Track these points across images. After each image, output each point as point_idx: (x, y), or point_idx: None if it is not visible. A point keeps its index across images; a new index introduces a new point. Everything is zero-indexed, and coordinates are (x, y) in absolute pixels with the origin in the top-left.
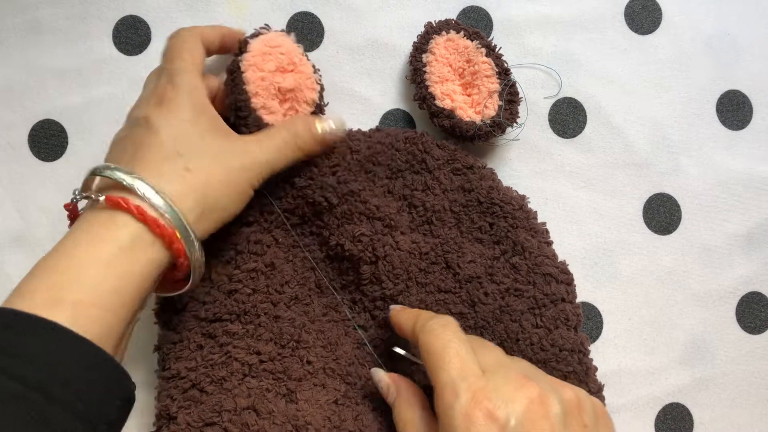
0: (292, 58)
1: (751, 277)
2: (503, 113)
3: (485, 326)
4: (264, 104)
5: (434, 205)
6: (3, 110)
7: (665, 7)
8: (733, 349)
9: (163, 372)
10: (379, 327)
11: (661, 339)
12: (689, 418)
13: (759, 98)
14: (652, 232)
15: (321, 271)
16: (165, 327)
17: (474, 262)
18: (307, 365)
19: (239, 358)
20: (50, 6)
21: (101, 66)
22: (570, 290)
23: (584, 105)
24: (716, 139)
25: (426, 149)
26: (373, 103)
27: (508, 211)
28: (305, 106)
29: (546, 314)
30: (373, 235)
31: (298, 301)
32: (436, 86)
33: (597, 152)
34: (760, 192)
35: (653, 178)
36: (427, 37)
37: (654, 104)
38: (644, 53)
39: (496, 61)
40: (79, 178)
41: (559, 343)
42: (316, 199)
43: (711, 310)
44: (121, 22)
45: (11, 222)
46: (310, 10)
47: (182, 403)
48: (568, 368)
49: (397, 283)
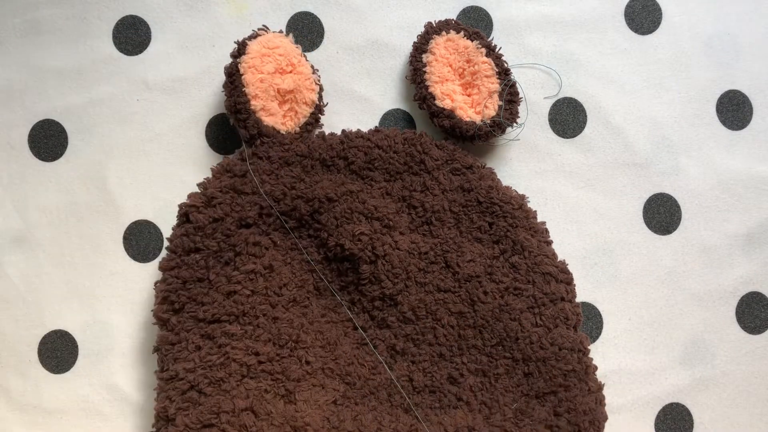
0: (291, 59)
1: (751, 277)
2: (503, 113)
3: (484, 325)
4: (264, 106)
5: (433, 205)
6: (3, 110)
7: (665, 7)
8: (733, 349)
9: (162, 373)
10: (378, 327)
11: (661, 339)
12: (689, 418)
13: (759, 98)
14: (652, 232)
15: (319, 272)
16: (164, 328)
17: (473, 261)
18: (305, 365)
19: (237, 359)
20: (50, 6)
21: (101, 66)
22: (569, 289)
23: (584, 105)
24: (716, 139)
25: (425, 150)
26: (373, 103)
27: (507, 211)
28: (305, 107)
29: (545, 313)
30: (372, 234)
31: (297, 303)
32: (436, 86)
33: (597, 152)
34: (760, 192)
35: (653, 178)
36: (427, 37)
37: (654, 104)
38: (644, 53)
39: (496, 61)
40: (79, 178)
41: (558, 341)
42: (315, 196)
43: (711, 310)
44: (121, 22)
45: (11, 222)
46: (310, 10)
47: (180, 405)
48: (568, 366)
49: (396, 283)
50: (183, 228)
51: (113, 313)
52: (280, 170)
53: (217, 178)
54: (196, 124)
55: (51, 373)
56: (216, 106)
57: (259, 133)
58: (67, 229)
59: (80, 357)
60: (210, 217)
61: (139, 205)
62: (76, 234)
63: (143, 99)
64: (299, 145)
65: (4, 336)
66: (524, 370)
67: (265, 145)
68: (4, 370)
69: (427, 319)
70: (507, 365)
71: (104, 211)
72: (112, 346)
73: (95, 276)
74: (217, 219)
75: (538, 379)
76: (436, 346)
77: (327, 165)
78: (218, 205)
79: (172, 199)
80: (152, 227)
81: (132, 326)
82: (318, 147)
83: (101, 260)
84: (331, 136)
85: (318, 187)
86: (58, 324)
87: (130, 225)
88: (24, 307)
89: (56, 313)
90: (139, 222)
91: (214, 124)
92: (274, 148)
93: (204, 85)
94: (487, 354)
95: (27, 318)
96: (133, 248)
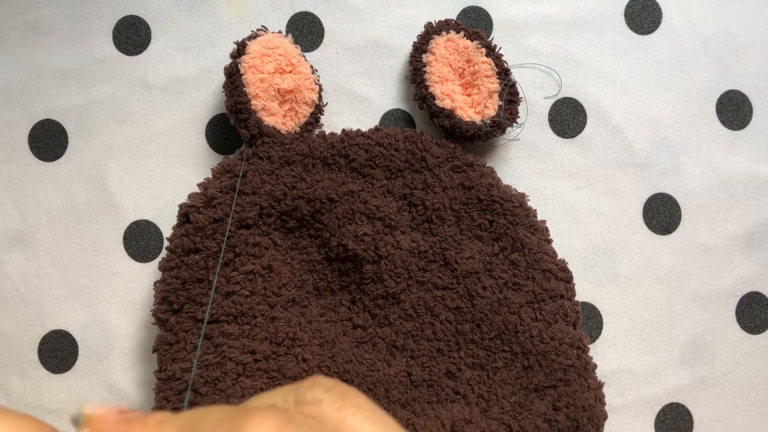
0: (291, 59)
1: (751, 277)
2: (503, 113)
3: (483, 318)
4: (264, 106)
5: (434, 203)
6: (3, 110)
7: (665, 7)
8: (733, 349)
9: (160, 373)
10: (378, 326)
11: (661, 339)
12: (689, 418)
13: (759, 98)
14: (652, 232)
15: (319, 272)
16: (163, 328)
17: (473, 258)
18: (302, 363)
19: (233, 358)
20: (50, 6)
21: (101, 66)
22: (569, 288)
23: (584, 105)
24: (716, 139)
25: (426, 147)
26: (373, 103)
27: (507, 209)
28: (305, 107)
29: (545, 308)
30: (375, 234)
31: (296, 303)
32: (436, 86)
33: (597, 152)
34: (760, 192)
35: (653, 178)
36: (427, 37)
37: (654, 104)
38: (644, 53)
39: (496, 61)
40: (80, 178)
41: (558, 336)
42: (316, 196)
43: (711, 310)
44: (121, 22)
45: (11, 222)
46: (310, 10)
47: (176, 405)
48: (568, 361)
49: (398, 282)
50: (183, 228)
51: (113, 312)
52: (280, 170)
53: (217, 178)
54: (196, 124)
55: (51, 373)
56: (216, 106)
57: (259, 133)
58: (67, 229)
59: (80, 357)
60: (210, 217)
61: (139, 205)
62: (76, 234)
63: (143, 99)
64: (300, 144)
65: (4, 336)
66: (524, 364)
67: (265, 145)
68: (4, 370)
69: (426, 315)
70: (506, 358)
71: (104, 211)
72: (112, 346)
73: (95, 276)
74: (217, 219)
75: (538, 372)
76: (435, 341)
77: (328, 163)
78: (218, 205)
79: (172, 199)
80: (152, 227)
81: (132, 326)
82: (319, 146)
83: (101, 260)
84: (331, 135)
85: (319, 187)
86: (58, 324)
87: (130, 225)
88: (24, 307)
89: (56, 313)
90: (139, 222)
91: (214, 124)
92: (274, 147)
93: (204, 85)
94: (485, 348)
95: (27, 318)
96: (133, 248)
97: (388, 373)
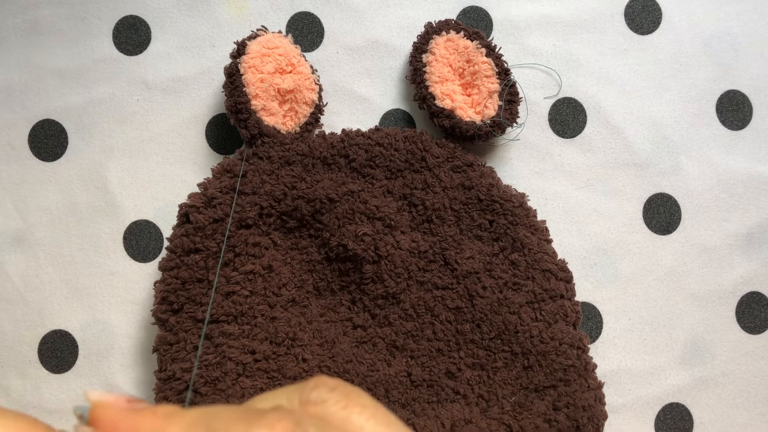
0: (291, 59)
1: (751, 277)
2: (503, 113)
3: (483, 318)
4: (264, 106)
5: (434, 203)
6: (3, 110)
7: (665, 7)
8: (733, 349)
9: (160, 373)
10: (378, 326)
11: (661, 339)
12: (689, 418)
13: (759, 98)
14: (652, 232)
15: (319, 272)
16: (162, 328)
17: (472, 258)
18: (302, 363)
19: (233, 358)
20: (50, 6)
21: (101, 66)
22: (569, 288)
23: (584, 105)
24: (716, 139)
25: (426, 147)
26: (373, 103)
27: (508, 209)
28: (305, 107)
29: (545, 308)
30: (375, 234)
31: (296, 303)
32: (436, 86)
33: (597, 152)
34: (760, 192)
35: (653, 178)
36: (427, 37)
37: (654, 104)
38: (644, 53)
39: (496, 61)
40: (80, 178)
41: (558, 336)
42: (316, 196)
43: (711, 310)
44: (121, 22)
45: (11, 222)
46: (310, 10)
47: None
48: (568, 361)
49: (398, 282)
50: (183, 228)
51: (113, 312)
52: (280, 170)
53: (217, 178)
54: (196, 124)
55: (51, 373)
56: (216, 106)
57: (259, 133)
58: (67, 229)
59: (80, 357)
60: (210, 217)
61: (139, 205)
62: (76, 234)
63: (143, 99)
64: (300, 144)
65: (4, 336)
66: (524, 364)
67: (265, 145)
68: (4, 370)
69: (426, 315)
70: (506, 358)
71: (104, 211)
72: (112, 346)
73: (95, 276)
74: (217, 219)
75: (538, 372)
76: (435, 341)
77: (328, 163)
78: (218, 205)
79: (172, 199)
80: (152, 227)
81: (132, 326)
82: (319, 146)
83: (101, 260)
84: (331, 135)
85: (319, 187)
86: (58, 324)
87: (130, 225)
88: (24, 307)
89: (56, 313)
90: (139, 222)
91: (214, 124)
92: (274, 147)
93: (204, 85)
94: (485, 348)
95: (27, 318)
96: (133, 248)
97: (388, 373)
